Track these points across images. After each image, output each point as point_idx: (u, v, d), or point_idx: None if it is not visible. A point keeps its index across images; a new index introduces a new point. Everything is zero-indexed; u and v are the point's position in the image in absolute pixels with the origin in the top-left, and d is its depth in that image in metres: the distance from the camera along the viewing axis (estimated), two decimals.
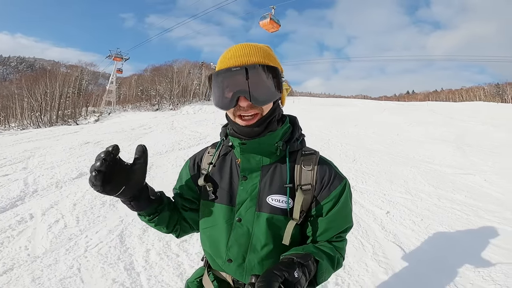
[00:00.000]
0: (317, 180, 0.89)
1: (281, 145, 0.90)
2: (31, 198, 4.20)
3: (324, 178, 0.89)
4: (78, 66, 33.80)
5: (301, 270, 0.68)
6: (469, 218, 4.03)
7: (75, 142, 9.42)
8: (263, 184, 0.90)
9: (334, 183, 0.89)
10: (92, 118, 25.92)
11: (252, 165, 0.91)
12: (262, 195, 0.89)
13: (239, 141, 0.88)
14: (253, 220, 0.90)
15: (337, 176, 0.91)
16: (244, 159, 0.92)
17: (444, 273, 2.67)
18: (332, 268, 0.84)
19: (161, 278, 2.43)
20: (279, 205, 0.88)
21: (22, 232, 3.14)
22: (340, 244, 0.91)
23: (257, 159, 0.91)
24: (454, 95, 62.83)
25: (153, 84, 35.93)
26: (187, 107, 28.27)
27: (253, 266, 0.92)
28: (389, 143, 10.55)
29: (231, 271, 0.96)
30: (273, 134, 0.88)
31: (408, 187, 5.52)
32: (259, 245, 0.90)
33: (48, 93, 25.52)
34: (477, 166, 7.27)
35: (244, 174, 0.92)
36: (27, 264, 2.50)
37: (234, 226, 0.92)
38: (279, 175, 0.90)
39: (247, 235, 0.91)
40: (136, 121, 18.19)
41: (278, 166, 0.91)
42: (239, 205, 0.92)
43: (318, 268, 0.77)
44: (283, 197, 0.88)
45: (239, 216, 0.91)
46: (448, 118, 16.83)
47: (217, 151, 1.02)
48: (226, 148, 1.01)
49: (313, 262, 0.75)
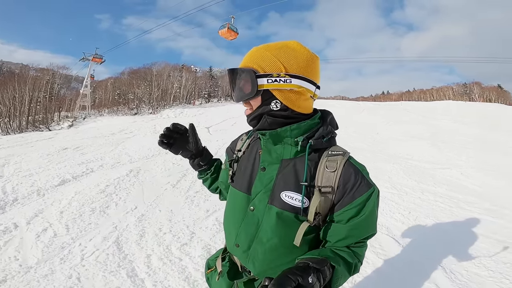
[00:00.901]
0: (340, 184, 0.84)
1: (302, 140, 0.87)
2: (12, 207, 3.92)
3: (348, 182, 0.84)
4: (49, 69, 31.92)
5: (315, 276, 0.67)
6: (452, 210, 4.30)
7: (52, 148, 8.90)
8: (279, 178, 0.90)
9: (359, 189, 0.84)
10: (66, 123, 24.57)
11: (272, 157, 0.93)
12: (277, 189, 0.89)
13: (261, 131, 0.93)
14: (264, 212, 0.91)
15: (364, 182, 0.85)
16: (266, 150, 0.94)
17: (439, 262, 2.83)
18: (348, 273, 0.83)
19: (167, 283, 2.37)
20: (291, 202, 0.87)
21: (8, 242, 2.93)
22: (359, 249, 0.88)
23: (278, 152, 0.92)
24: (426, 94, 66.44)
25: (131, 88, 34.74)
26: (168, 111, 27.62)
27: (257, 256, 0.94)
28: (371, 142, 10.98)
29: (237, 255, 1.01)
30: (291, 127, 0.88)
31: (393, 182, 5.78)
32: (265, 238, 0.91)
33: (17, 97, 23.88)
34: (453, 161, 7.77)
35: (263, 166, 0.94)
36: (20, 275, 2.34)
37: (247, 214, 0.95)
38: (298, 171, 0.88)
39: (256, 225, 0.93)
40: (115, 126, 17.52)
41: (298, 161, 0.89)
42: (254, 194, 0.94)
43: (334, 274, 0.76)
44: (298, 195, 0.86)
45: (253, 205, 0.93)
46: (422, 117, 17.79)
47: (248, 138, 1.08)
48: (256, 137, 1.05)
49: (329, 267, 0.74)
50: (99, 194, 4.52)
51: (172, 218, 3.70)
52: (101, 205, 4.06)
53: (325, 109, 1.01)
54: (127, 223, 3.51)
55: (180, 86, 37.40)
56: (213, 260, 1.16)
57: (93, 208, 3.96)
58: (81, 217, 3.67)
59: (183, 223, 3.57)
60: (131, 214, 3.80)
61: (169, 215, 3.81)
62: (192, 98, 38.73)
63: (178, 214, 3.83)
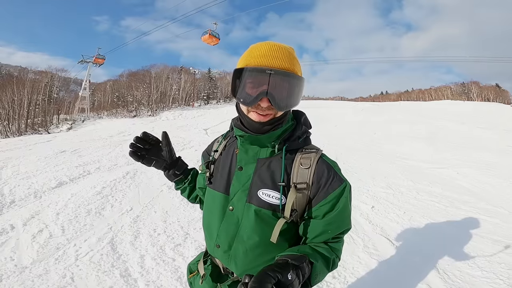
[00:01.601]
0: (314, 181, 0.87)
1: (278, 143, 0.90)
2: (9, 209, 3.94)
3: (322, 178, 0.87)
4: (48, 72, 31.95)
5: (294, 272, 0.68)
6: (447, 210, 4.31)
7: (50, 151, 8.92)
8: (256, 177, 0.91)
9: (332, 184, 0.87)
10: (65, 126, 24.56)
11: (249, 156, 0.94)
12: (254, 187, 0.91)
13: (240, 133, 0.92)
14: (243, 210, 0.92)
15: (336, 177, 0.88)
16: (242, 150, 0.95)
17: (432, 261, 2.84)
18: (327, 269, 0.84)
19: (159, 283, 2.39)
20: (268, 199, 0.88)
21: (5, 243, 2.95)
22: (336, 245, 0.90)
23: (255, 151, 0.93)
24: (424, 94, 66.45)
25: (130, 90, 34.76)
26: (167, 113, 27.67)
27: (238, 255, 0.95)
28: (368, 142, 11.02)
29: (218, 256, 1.01)
30: (272, 134, 0.89)
31: (389, 182, 5.80)
32: (245, 236, 0.92)
33: (15, 100, 23.88)
34: (449, 161, 7.79)
35: (240, 165, 0.95)
36: (15, 275, 2.36)
37: (226, 214, 0.96)
38: (274, 170, 0.90)
39: (236, 224, 0.94)
40: (113, 128, 17.55)
41: (274, 161, 0.91)
42: (232, 194, 0.95)
43: (313, 270, 0.78)
44: (275, 193, 0.88)
45: (231, 205, 0.94)
46: (420, 117, 17.86)
47: (224, 139, 1.08)
48: (232, 138, 1.05)
49: (307, 264, 0.75)
50: (95, 196, 4.54)
51: (167, 219, 3.72)
52: (97, 207, 4.08)
53: (298, 110, 1.02)
54: (122, 224, 3.53)
55: (179, 88, 37.45)
56: (195, 264, 1.16)
57: (89, 209, 3.97)
58: (77, 218, 3.68)
59: (177, 224, 3.59)
60: (126, 215, 3.82)
61: (164, 216, 3.83)
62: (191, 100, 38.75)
63: (173, 215, 3.85)
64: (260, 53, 0.84)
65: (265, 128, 0.88)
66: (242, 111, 0.91)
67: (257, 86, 0.83)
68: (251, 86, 0.84)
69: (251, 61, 0.85)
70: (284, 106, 0.85)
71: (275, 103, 0.82)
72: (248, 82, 0.84)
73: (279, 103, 0.83)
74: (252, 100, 0.83)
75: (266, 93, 0.81)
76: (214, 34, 26.01)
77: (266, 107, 0.84)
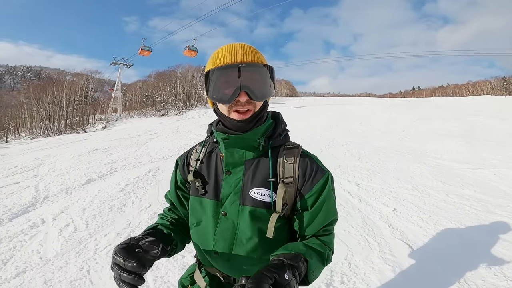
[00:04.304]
0: (300, 174, 0.91)
1: (263, 141, 0.92)
2: (42, 204, 4.30)
3: (306, 171, 0.91)
4: (84, 74, 34.44)
5: (291, 272, 0.68)
6: (479, 214, 3.96)
7: (83, 149, 9.60)
8: (246, 178, 0.92)
9: (316, 176, 0.91)
10: (100, 125, 26.32)
11: (236, 159, 0.93)
12: (246, 188, 0.91)
13: (223, 135, 0.91)
14: (237, 213, 0.91)
15: (319, 169, 0.93)
16: (228, 154, 0.93)
17: (454, 270, 2.62)
18: (322, 264, 0.85)
19: (167, 278, 2.47)
20: (262, 198, 0.89)
21: (34, 236, 3.22)
22: (327, 238, 0.92)
23: (240, 153, 0.93)
24: (461, 89, 61.72)
25: (157, 90, 36.32)
26: (192, 112, 28.55)
27: (240, 260, 0.92)
28: (395, 140, 10.45)
29: (218, 265, 0.97)
30: (256, 130, 0.90)
31: (415, 183, 5.45)
32: (244, 239, 0.91)
33: (55, 101, 26.04)
34: (486, 160, 7.14)
35: (227, 169, 0.94)
36: (39, 267, 2.57)
37: (220, 220, 0.93)
38: (262, 169, 0.92)
39: (233, 228, 0.92)
40: (142, 127, 18.43)
41: (261, 160, 0.93)
42: (223, 199, 0.93)
43: (308, 267, 0.78)
44: (266, 190, 0.89)
45: (224, 210, 0.93)
46: (455, 113, 16.58)
47: (203, 148, 1.05)
48: (212, 144, 1.03)
49: (303, 262, 0.76)
50: (119, 192, 4.79)
51: None
52: (119, 203, 4.31)
53: (274, 110, 1.04)
54: (140, 220, 3.69)
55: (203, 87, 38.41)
56: (186, 279, 1.12)
57: (112, 205, 4.21)
58: (100, 214, 3.92)
59: None
60: (145, 211, 3.98)
61: None
62: None
63: None
64: (225, 53, 0.87)
65: (248, 125, 0.89)
66: (222, 113, 0.91)
67: (231, 83, 0.84)
68: (225, 85, 0.86)
69: (218, 62, 0.87)
70: (262, 96, 0.87)
71: (253, 95, 0.84)
72: (221, 82, 0.86)
73: (257, 94, 0.85)
74: (230, 97, 0.84)
75: (241, 87, 0.83)
76: (193, 48, 31.09)
77: (245, 101, 0.85)
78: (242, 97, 0.84)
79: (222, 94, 0.86)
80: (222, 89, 0.86)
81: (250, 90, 0.84)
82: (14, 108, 32.79)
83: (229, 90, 0.85)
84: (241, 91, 0.83)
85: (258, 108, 0.90)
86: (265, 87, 0.88)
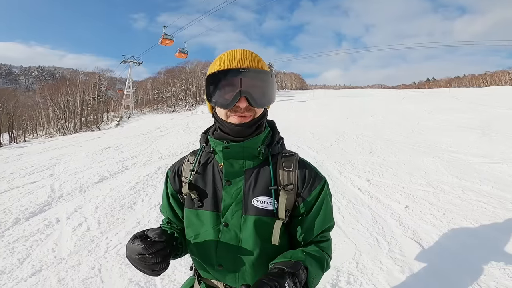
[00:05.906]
0: (299, 181, 0.93)
1: (263, 149, 0.92)
2: (57, 203, 4.45)
3: (305, 178, 0.93)
4: (96, 73, 35.29)
5: (291, 280, 0.68)
6: (496, 211, 3.80)
7: (96, 148, 9.85)
8: (247, 188, 0.91)
9: (314, 183, 0.93)
10: (113, 123, 26.92)
11: (236, 169, 0.92)
12: (247, 198, 0.90)
13: (223, 145, 0.89)
14: (240, 224, 0.90)
15: (317, 176, 0.95)
16: (227, 164, 0.92)
17: (466, 270, 2.54)
18: (321, 271, 0.86)
19: (173, 277, 2.52)
20: (264, 206, 0.89)
21: (50, 235, 3.34)
22: (325, 244, 0.94)
23: (240, 163, 0.92)
24: (478, 80, 59.18)
25: (168, 86, 36.77)
26: (202, 107, 28.70)
27: (245, 270, 0.92)
28: (408, 133, 10.16)
29: (222, 277, 0.95)
30: (256, 138, 0.90)
31: (430, 179, 5.30)
32: (249, 248, 0.90)
33: (70, 101, 26.84)
34: (505, 154, 6.83)
35: (227, 179, 0.92)
36: (53, 266, 2.67)
37: (221, 231, 0.91)
38: (263, 177, 0.92)
39: (235, 239, 0.90)
40: (153, 124, 18.70)
41: (261, 169, 0.93)
42: (224, 210, 0.91)
43: (309, 275, 0.78)
44: (268, 198, 0.89)
45: (225, 221, 0.91)
46: (472, 104, 15.93)
47: (197, 158, 1.01)
48: (207, 154, 1.00)
49: (303, 269, 0.75)
50: (129, 190, 4.90)
51: None
52: (129, 201, 4.40)
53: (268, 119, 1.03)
54: (149, 218, 3.76)
55: None
56: None
57: (123, 204, 4.30)
58: (112, 212, 4.02)
59: None
60: (154, 210, 4.06)
61: None
62: None
63: None
64: (228, 57, 0.87)
65: (247, 130, 0.89)
66: (221, 117, 0.90)
67: (232, 87, 0.84)
68: (226, 89, 0.85)
69: (220, 66, 0.87)
70: (262, 102, 0.87)
71: (253, 101, 0.84)
72: (223, 86, 0.85)
73: (257, 100, 0.85)
74: (230, 102, 0.84)
75: (242, 93, 0.83)
76: (183, 51, 33.28)
77: (245, 108, 0.85)
78: (242, 103, 0.84)
79: (222, 98, 0.85)
80: (222, 94, 0.85)
81: (250, 96, 0.83)
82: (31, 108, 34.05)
83: (229, 95, 0.84)
84: (242, 96, 0.83)
85: (258, 114, 0.89)
86: (266, 94, 0.88)
